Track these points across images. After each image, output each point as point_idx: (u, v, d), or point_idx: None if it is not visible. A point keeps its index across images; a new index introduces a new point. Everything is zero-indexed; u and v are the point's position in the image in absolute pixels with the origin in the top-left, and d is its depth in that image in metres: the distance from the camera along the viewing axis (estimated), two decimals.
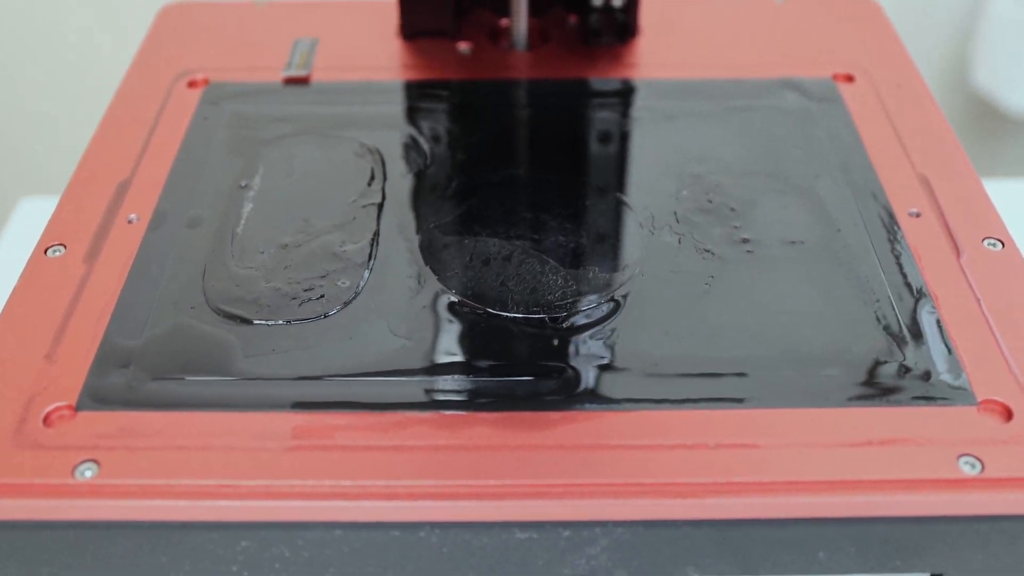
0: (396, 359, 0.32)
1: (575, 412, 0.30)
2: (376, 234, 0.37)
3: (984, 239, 0.36)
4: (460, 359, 0.32)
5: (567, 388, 0.31)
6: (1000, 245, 0.36)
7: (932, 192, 0.38)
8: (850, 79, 0.45)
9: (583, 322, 0.33)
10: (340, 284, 0.35)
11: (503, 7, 0.49)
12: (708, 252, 0.36)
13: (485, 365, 0.32)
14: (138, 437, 0.30)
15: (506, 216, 0.38)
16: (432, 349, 0.32)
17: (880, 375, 0.31)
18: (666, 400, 0.31)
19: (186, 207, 0.38)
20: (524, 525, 0.28)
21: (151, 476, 0.28)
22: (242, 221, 0.38)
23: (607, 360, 0.32)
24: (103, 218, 0.38)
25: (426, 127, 0.43)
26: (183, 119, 0.43)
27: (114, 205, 0.38)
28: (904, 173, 0.40)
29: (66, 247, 0.36)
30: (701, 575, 0.30)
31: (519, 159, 0.42)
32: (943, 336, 0.33)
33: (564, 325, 0.33)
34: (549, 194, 0.39)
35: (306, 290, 0.35)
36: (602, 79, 0.46)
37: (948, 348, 0.32)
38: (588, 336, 0.33)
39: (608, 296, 0.34)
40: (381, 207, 0.38)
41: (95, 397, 0.31)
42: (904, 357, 0.32)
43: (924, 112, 0.43)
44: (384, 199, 0.39)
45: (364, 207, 0.38)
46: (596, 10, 0.49)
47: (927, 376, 0.31)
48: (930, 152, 0.41)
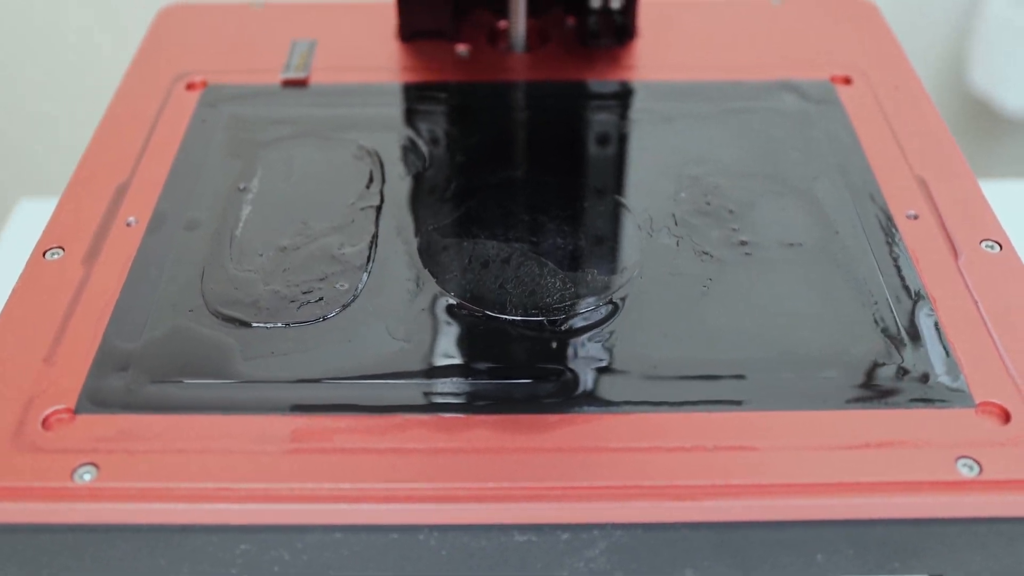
0: (395, 362, 0.32)
1: (574, 415, 0.30)
2: (375, 236, 0.37)
3: (982, 241, 0.36)
4: (459, 362, 0.32)
5: (566, 391, 0.31)
6: (998, 247, 0.36)
7: (930, 194, 0.39)
8: (848, 81, 0.45)
9: (582, 324, 0.33)
10: (339, 287, 0.35)
11: (501, 9, 0.49)
12: (706, 254, 0.36)
13: (484, 368, 0.32)
14: (137, 440, 0.30)
15: (505, 218, 0.38)
16: (431, 352, 0.32)
17: (878, 377, 0.31)
18: (664, 402, 0.31)
19: (185, 209, 0.38)
20: (523, 528, 0.28)
21: (150, 479, 0.28)
22: (241, 223, 0.38)
23: (606, 362, 0.32)
24: (102, 220, 0.38)
25: (425, 129, 0.43)
26: (181, 121, 0.43)
27: (113, 207, 0.38)
28: (902, 175, 0.40)
29: (65, 249, 0.36)
30: None
31: (518, 161, 0.42)
32: (941, 338, 0.33)
33: (563, 328, 0.33)
34: (548, 196, 0.39)
35: (305, 293, 0.35)
36: (600, 81, 0.46)
37: (946, 350, 0.32)
38: (587, 338, 0.33)
39: (606, 298, 0.34)
40: (380, 209, 0.38)
41: (94, 400, 0.31)
42: (902, 359, 0.32)
43: (922, 114, 0.43)
44: (383, 201, 0.39)
45: (363, 209, 0.38)
46: (594, 12, 0.49)
47: (925, 378, 0.31)
48: (928, 154, 0.41)
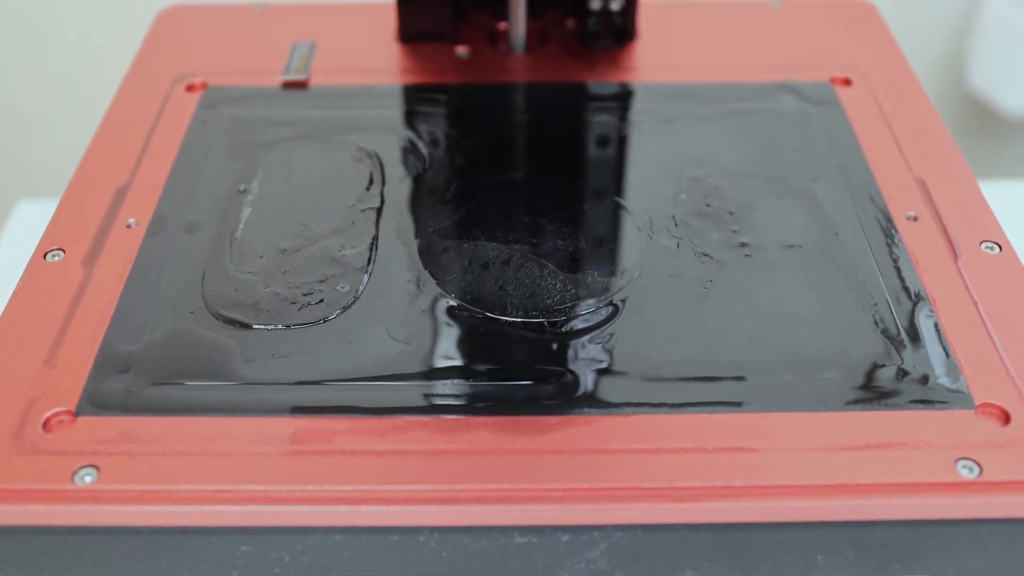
0: (395, 363, 0.32)
1: (574, 416, 0.30)
2: (375, 238, 0.37)
3: (982, 242, 0.36)
4: (459, 363, 0.32)
5: (566, 392, 0.31)
6: (998, 248, 0.36)
7: (929, 195, 0.39)
8: (847, 82, 0.45)
9: (582, 326, 0.34)
10: (339, 288, 0.35)
11: (501, 11, 0.49)
12: (706, 256, 0.36)
13: (484, 369, 0.32)
14: (138, 442, 0.30)
15: (505, 220, 0.38)
16: (431, 353, 0.32)
17: (878, 379, 0.31)
18: (665, 404, 0.31)
19: (185, 211, 0.38)
20: (523, 529, 0.28)
21: (151, 481, 0.28)
22: (241, 225, 0.38)
23: (606, 364, 0.32)
24: (102, 222, 0.38)
25: (425, 131, 0.43)
26: (181, 123, 0.43)
27: (113, 209, 0.38)
28: (901, 176, 0.40)
29: (65, 251, 0.36)
30: None
31: (518, 163, 0.42)
32: (941, 339, 0.33)
33: (563, 329, 0.33)
34: (548, 198, 0.39)
35: (305, 294, 0.35)
36: (600, 83, 0.46)
37: (946, 351, 0.32)
38: (587, 340, 0.33)
39: (607, 300, 0.34)
40: (380, 211, 0.38)
41: (94, 402, 0.31)
42: (902, 361, 0.32)
43: (921, 115, 0.43)
44: (383, 203, 0.39)
45: (363, 211, 0.38)
46: (594, 14, 0.49)
47: (925, 380, 0.31)
48: (927, 155, 0.41)
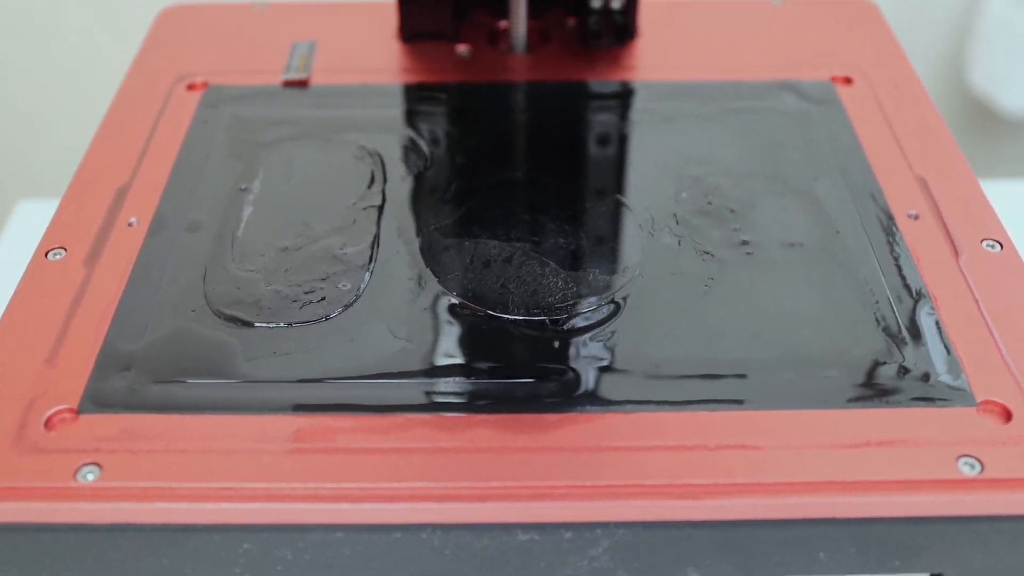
0: (397, 361, 0.32)
1: (576, 414, 0.30)
2: (376, 236, 0.37)
3: (983, 240, 0.36)
4: (461, 361, 0.32)
5: (568, 390, 0.31)
6: (999, 246, 0.36)
7: (930, 194, 0.39)
8: (848, 81, 0.45)
9: (583, 324, 0.34)
10: (341, 286, 0.35)
11: (502, 9, 0.49)
12: (708, 254, 0.36)
13: (486, 367, 0.32)
14: (140, 440, 0.30)
15: (506, 218, 0.38)
16: (433, 351, 0.33)
17: (879, 376, 0.32)
18: (666, 402, 0.31)
19: (186, 210, 0.38)
20: (526, 527, 0.28)
21: (153, 479, 0.29)
22: (242, 224, 0.38)
23: (607, 362, 0.32)
24: (103, 221, 0.38)
25: (425, 130, 0.43)
26: (182, 122, 0.43)
27: (114, 208, 0.38)
28: (902, 175, 0.40)
29: (66, 250, 0.36)
30: None
31: (519, 161, 0.42)
32: (942, 337, 0.33)
33: (565, 327, 0.33)
34: (549, 196, 0.39)
35: (307, 293, 0.35)
36: (601, 81, 0.46)
37: (947, 349, 0.32)
38: (588, 338, 0.33)
39: (608, 298, 0.34)
40: (381, 210, 0.38)
41: (97, 400, 0.31)
42: (903, 358, 0.32)
43: (922, 114, 0.43)
44: (384, 201, 0.39)
45: (364, 210, 0.38)
46: (595, 12, 0.49)
47: (926, 377, 0.31)
48: (928, 154, 0.41)
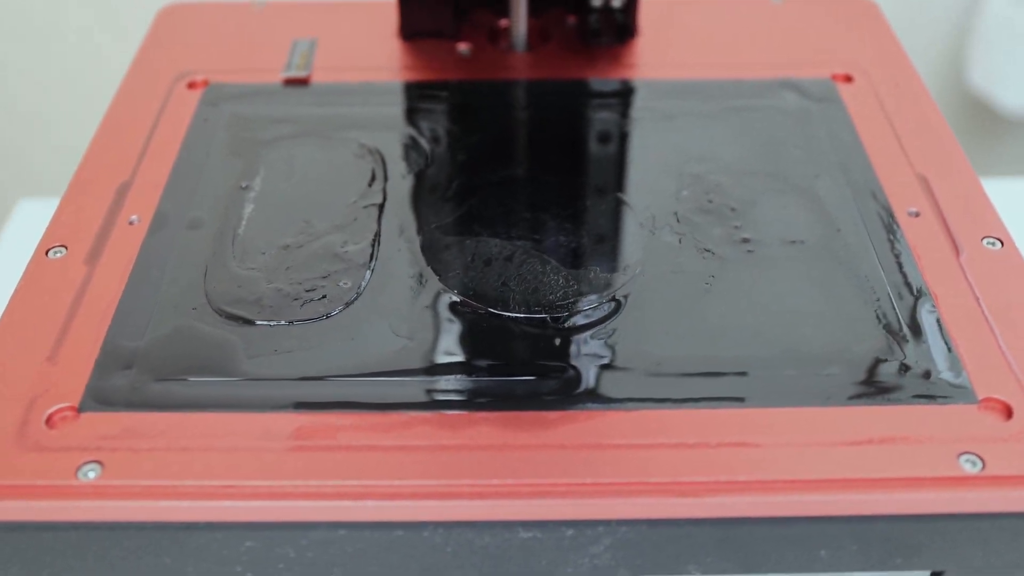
0: (398, 359, 0.32)
1: (577, 412, 0.30)
2: (377, 234, 0.37)
3: (983, 238, 0.36)
4: (462, 359, 0.32)
5: (569, 388, 0.31)
6: (999, 244, 0.36)
7: (931, 191, 0.39)
8: (849, 79, 0.45)
9: (584, 322, 0.34)
10: (342, 284, 0.35)
11: (502, 8, 0.49)
12: (709, 252, 0.36)
13: (487, 365, 0.32)
14: (141, 438, 0.30)
15: (507, 216, 0.38)
16: (434, 349, 0.33)
17: (880, 374, 0.32)
18: (668, 399, 0.31)
19: (187, 209, 0.38)
20: (528, 524, 0.28)
21: (155, 477, 0.29)
22: (243, 222, 0.38)
23: (608, 359, 0.32)
24: (104, 220, 0.38)
25: (426, 128, 0.43)
26: (183, 120, 0.43)
27: (115, 207, 0.38)
28: (903, 172, 0.40)
29: (67, 249, 0.36)
30: (703, 574, 0.30)
31: (519, 160, 0.42)
32: (943, 335, 0.33)
33: (566, 325, 0.33)
34: (550, 194, 0.39)
35: (308, 291, 0.35)
36: (602, 79, 0.46)
37: (948, 347, 0.32)
38: (590, 336, 0.33)
39: (609, 296, 0.35)
40: (382, 208, 0.38)
41: (98, 398, 0.31)
42: (904, 356, 0.32)
43: (923, 112, 0.43)
44: (385, 200, 0.39)
45: (365, 208, 0.38)
46: (595, 10, 0.49)
47: (927, 375, 0.31)
48: (929, 152, 0.41)
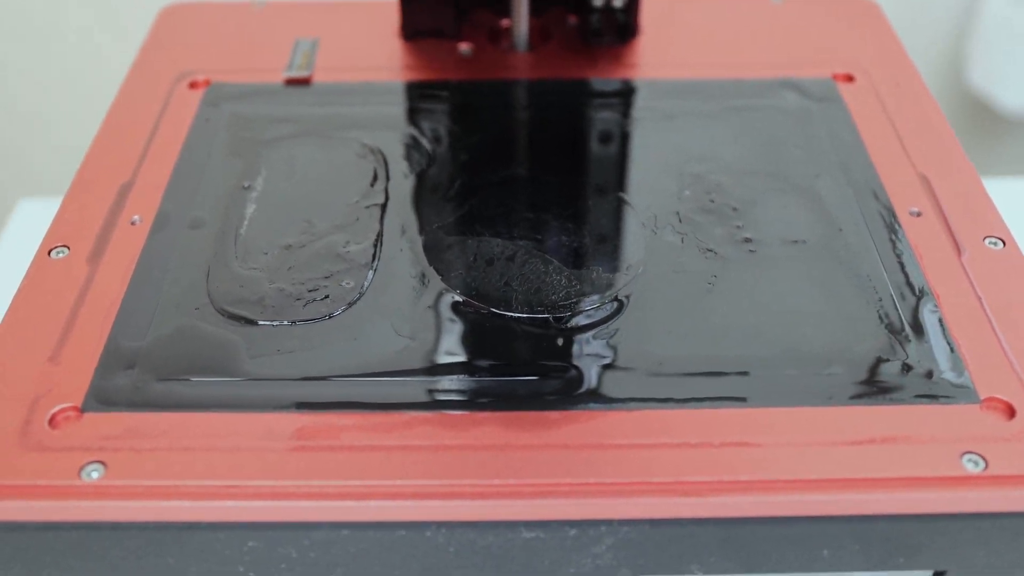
0: (401, 359, 0.32)
1: (580, 411, 0.30)
2: (380, 235, 0.37)
3: (985, 238, 0.36)
4: (464, 359, 0.32)
5: (571, 388, 0.31)
6: (1001, 243, 0.36)
7: (932, 191, 0.39)
8: (850, 79, 0.45)
9: (587, 322, 0.34)
10: (344, 285, 0.35)
11: (504, 8, 0.49)
12: (710, 252, 0.36)
13: (489, 365, 0.32)
14: (144, 438, 0.30)
15: (509, 216, 0.38)
16: (436, 349, 0.33)
17: (883, 373, 0.32)
18: (670, 399, 0.31)
19: (189, 208, 0.38)
20: (530, 524, 0.28)
21: (158, 477, 0.29)
22: (245, 222, 0.38)
23: (611, 359, 0.32)
24: (106, 219, 0.38)
25: (428, 128, 0.43)
26: (184, 120, 0.43)
27: (117, 206, 0.38)
28: (904, 172, 0.40)
29: (70, 248, 0.36)
30: (706, 573, 0.30)
31: (521, 159, 0.42)
32: (945, 334, 0.33)
33: (568, 325, 0.33)
34: (551, 194, 0.39)
35: (310, 291, 0.35)
36: (603, 79, 0.46)
37: (950, 346, 0.32)
38: (592, 336, 0.33)
39: (611, 296, 0.35)
40: (384, 207, 0.38)
41: (101, 398, 0.31)
42: (906, 355, 0.32)
43: (923, 111, 0.43)
44: (387, 200, 0.39)
45: (367, 208, 0.38)
46: (597, 10, 0.49)
47: (929, 374, 0.31)
48: (930, 151, 0.41)
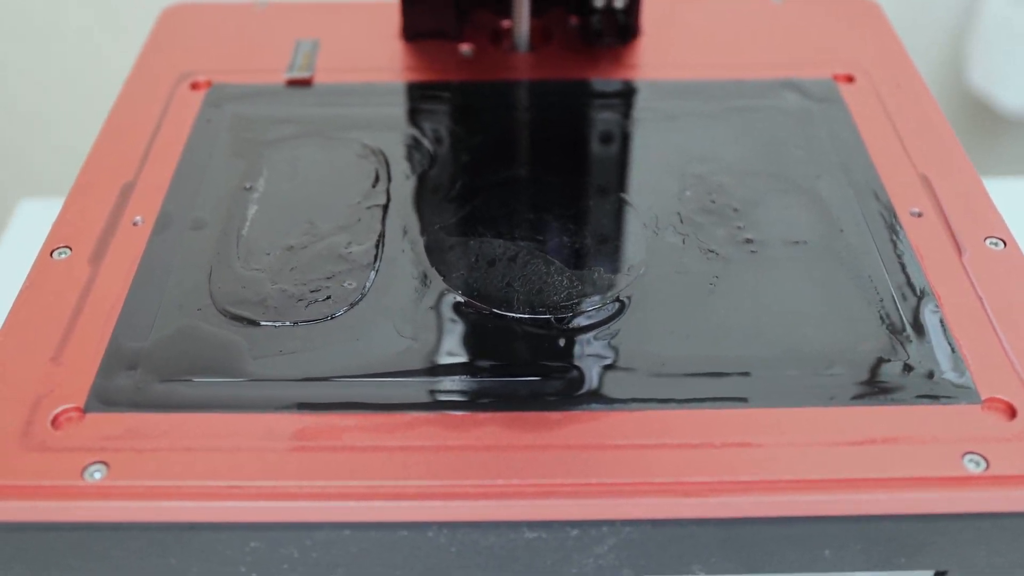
0: (403, 360, 0.32)
1: (582, 412, 0.30)
2: (381, 235, 0.37)
3: (986, 238, 0.36)
4: (466, 359, 0.32)
5: (573, 388, 0.31)
6: (1002, 244, 0.36)
7: (933, 191, 0.39)
8: (850, 79, 0.46)
9: (588, 322, 0.34)
10: (346, 285, 0.35)
11: (505, 8, 0.49)
12: (712, 252, 0.36)
13: (491, 365, 0.32)
14: (147, 438, 0.30)
15: (510, 217, 0.38)
16: (438, 350, 0.33)
17: (884, 374, 0.32)
18: (671, 400, 0.31)
19: (191, 209, 0.38)
20: (532, 524, 0.28)
21: (160, 477, 0.29)
22: (247, 223, 0.38)
23: (612, 360, 0.32)
24: (108, 220, 0.38)
25: (429, 128, 0.43)
26: (186, 121, 0.43)
27: (119, 207, 0.38)
28: (905, 172, 0.40)
29: (71, 249, 0.36)
30: (708, 573, 0.30)
31: (522, 160, 0.42)
32: (946, 335, 0.33)
33: (570, 325, 0.33)
34: (553, 195, 0.39)
35: (312, 291, 0.35)
36: (604, 80, 0.46)
37: (951, 347, 0.32)
38: (593, 336, 0.33)
39: (613, 296, 0.35)
40: (386, 208, 0.39)
41: (103, 399, 0.31)
42: (908, 356, 0.32)
43: (924, 112, 0.43)
44: (389, 200, 0.39)
45: (369, 208, 0.38)
46: (598, 11, 0.49)
47: (931, 375, 0.32)
48: (931, 152, 0.41)
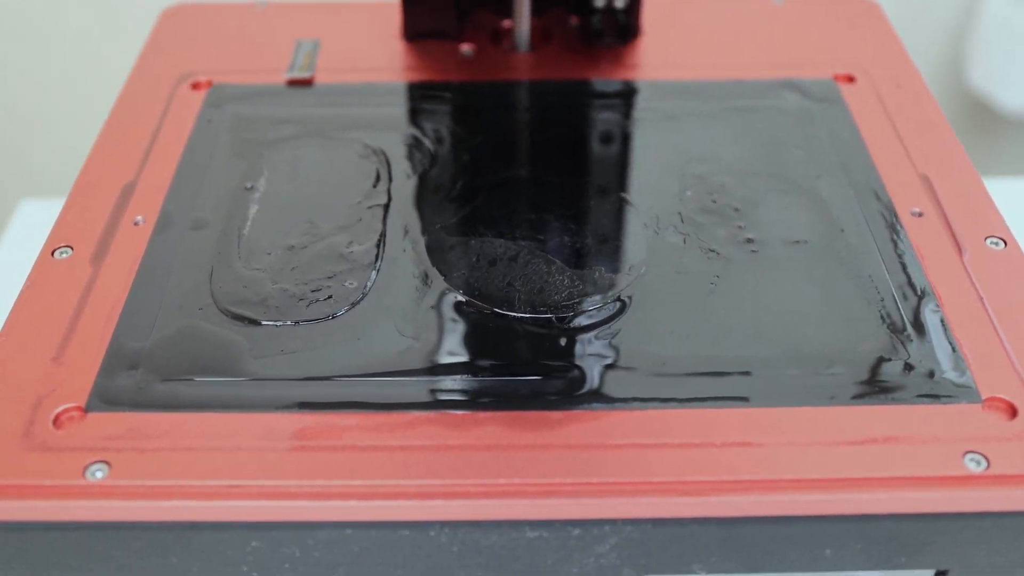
0: (404, 359, 0.32)
1: (582, 411, 0.30)
2: (382, 235, 0.37)
3: (986, 238, 0.36)
4: (467, 359, 0.32)
5: (574, 388, 0.31)
6: (1002, 244, 0.36)
7: (934, 191, 0.39)
8: (851, 79, 0.46)
9: (589, 322, 0.34)
10: (347, 285, 0.35)
11: (505, 8, 0.49)
12: (713, 252, 0.36)
13: (492, 365, 0.32)
14: (148, 438, 0.30)
15: (511, 217, 0.38)
16: (439, 349, 0.33)
17: (884, 373, 0.32)
18: (672, 399, 0.31)
19: (191, 209, 0.38)
20: (534, 524, 0.28)
21: (161, 477, 0.29)
22: (248, 223, 0.38)
23: (613, 359, 0.32)
24: (109, 220, 0.38)
25: (430, 128, 0.43)
26: (187, 121, 0.43)
27: (120, 207, 0.38)
28: (906, 172, 0.40)
29: (73, 249, 0.36)
30: (708, 573, 0.30)
31: (523, 160, 0.42)
32: (947, 334, 0.33)
33: (571, 325, 0.34)
34: (554, 195, 0.39)
35: (313, 291, 0.35)
36: (604, 80, 0.46)
37: (952, 346, 0.32)
38: (594, 336, 0.33)
39: (614, 296, 0.35)
40: (387, 208, 0.39)
41: (104, 398, 0.31)
42: (908, 355, 0.32)
43: (924, 112, 0.43)
44: (390, 200, 0.39)
45: (370, 208, 0.39)
46: (598, 11, 0.49)
47: (931, 374, 0.32)
48: (931, 151, 0.41)
